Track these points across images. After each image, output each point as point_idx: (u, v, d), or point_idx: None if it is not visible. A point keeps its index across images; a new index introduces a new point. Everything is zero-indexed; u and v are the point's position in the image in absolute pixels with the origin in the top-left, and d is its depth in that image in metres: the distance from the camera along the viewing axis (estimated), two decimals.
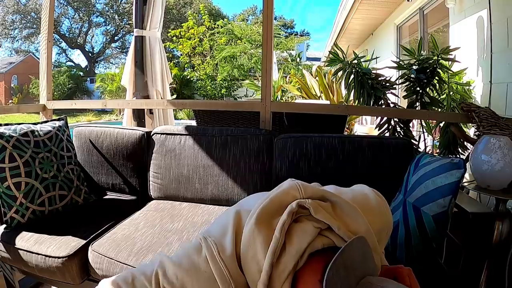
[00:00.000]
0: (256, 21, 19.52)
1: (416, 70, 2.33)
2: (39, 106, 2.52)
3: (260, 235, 0.67)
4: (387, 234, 0.81)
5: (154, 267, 0.74)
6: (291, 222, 0.69)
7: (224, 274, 0.68)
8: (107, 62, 26.42)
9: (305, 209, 0.70)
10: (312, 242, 0.66)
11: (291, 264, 0.65)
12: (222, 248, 0.70)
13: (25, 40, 23.16)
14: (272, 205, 0.71)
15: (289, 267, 0.65)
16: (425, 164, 1.32)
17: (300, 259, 0.65)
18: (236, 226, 0.73)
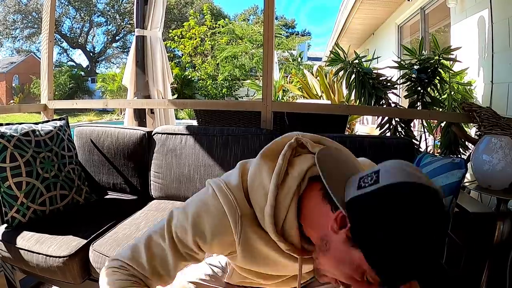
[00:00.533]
0: (257, 21, 19.49)
1: (417, 70, 2.33)
2: (40, 105, 2.52)
3: (265, 165, 0.73)
4: None
5: (163, 223, 0.78)
6: (291, 155, 0.75)
7: (231, 201, 0.72)
8: (108, 62, 26.46)
9: (304, 148, 0.77)
10: (311, 167, 0.71)
11: (295, 185, 0.70)
12: (229, 182, 0.75)
13: (26, 40, 23.20)
14: (276, 145, 0.78)
15: (293, 187, 0.69)
16: (426, 164, 1.32)
17: (302, 182, 0.71)
18: (241, 169, 0.78)
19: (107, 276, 0.74)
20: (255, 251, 0.75)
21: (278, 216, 0.70)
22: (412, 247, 0.56)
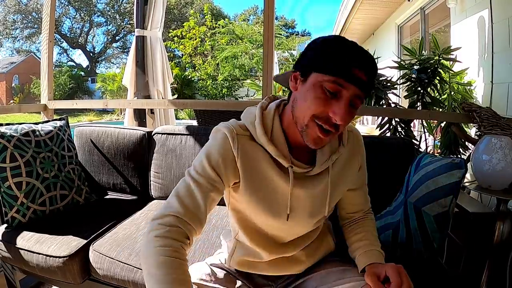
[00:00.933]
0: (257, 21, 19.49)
1: (417, 70, 2.33)
2: (40, 106, 2.52)
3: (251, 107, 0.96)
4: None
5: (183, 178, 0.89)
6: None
7: (230, 126, 0.89)
8: (108, 62, 26.49)
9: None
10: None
11: (274, 106, 0.92)
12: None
13: (26, 40, 23.21)
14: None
15: (273, 107, 0.92)
16: (426, 164, 1.32)
17: (278, 107, 0.93)
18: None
19: (153, 241, 0.78)
20: (254, 169, 0.88)
21: (267, 125, 0.88)
22: (337, 43, 0.78)
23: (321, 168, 0.90)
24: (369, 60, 0.78)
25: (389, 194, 1.48)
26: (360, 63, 0.76)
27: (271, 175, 0.88)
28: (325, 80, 0.77)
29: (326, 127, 0.78)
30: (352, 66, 0.75)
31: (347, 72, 0.75)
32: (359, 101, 0.79)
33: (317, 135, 0.80)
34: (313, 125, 0.79)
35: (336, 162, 0.94)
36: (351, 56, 0.76)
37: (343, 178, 0.96)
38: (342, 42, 0.78)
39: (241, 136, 0.88)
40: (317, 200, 0.92)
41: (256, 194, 0.90)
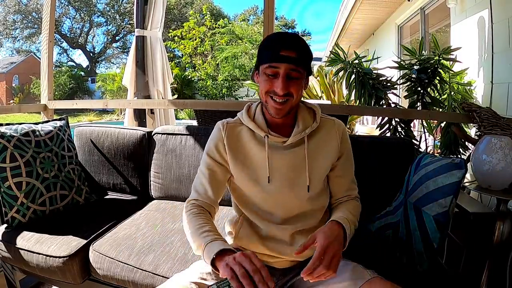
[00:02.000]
0: (257, 21, 19.51)
1: (417, 70, 2.33)
2: (40, 106, 2.52)
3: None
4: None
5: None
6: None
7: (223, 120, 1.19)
8: (108, 62, 26.48)
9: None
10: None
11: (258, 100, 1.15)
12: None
13: (26, 40, 23.20)
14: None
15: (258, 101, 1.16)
16: (426, 164, 1.32)
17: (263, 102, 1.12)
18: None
19: (185, 214, 1.11)
20: (239, 145, 1.12)
21: (251, 110, 1.16)
22: (267, 37, 1.05)
23: (295, 138, 1.08)
24: (293, 40, 1.00)
25: (389, 194, 1.48)
26: (284, 45, 0.98)
27: (252, 147, 1.11)
28: (265, 68, 1.01)
29: (277, 98, 1.01)
30: (280, 50, 0.98)
31: (275, 56, 0.98)
32: (296, 72, 1.00)
33: (274, 106, 1.03)
34: (269, 99, 1.03)
35: (313, 139, 1.12)
36: (276, 42, 1.00)
37: (320, 153, 1.12)
38: (272, 35, 1.04)
39: (232, 124, 1.16)
40: (296, 169, 1.09)
41: (242, 165, 1.12)
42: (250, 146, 1.12)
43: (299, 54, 0.99)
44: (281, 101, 1.01)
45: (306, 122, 1.11)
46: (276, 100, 1.02)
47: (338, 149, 1.13)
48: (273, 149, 1.10)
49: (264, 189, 1.09)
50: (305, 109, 1.15)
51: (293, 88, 1.01)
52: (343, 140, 1.15)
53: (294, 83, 1.01)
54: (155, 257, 1.35)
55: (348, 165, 1.18)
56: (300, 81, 1.03)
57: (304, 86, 1.08)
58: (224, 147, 1.12)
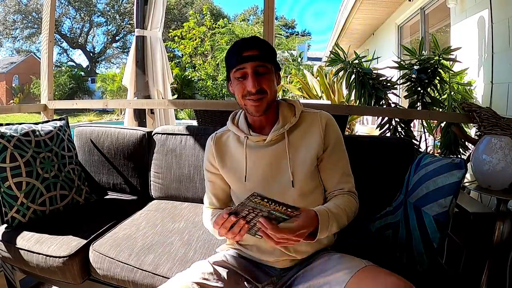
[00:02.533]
0: (257, 21, 19.49)
1: (417, 70, 2.33)
2: (40, 106, 2.52)
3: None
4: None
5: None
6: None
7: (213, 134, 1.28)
8: (108, 62, 26.48)
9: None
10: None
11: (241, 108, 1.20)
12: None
13: (26, 40, 23.20)
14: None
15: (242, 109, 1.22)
16: (426, 164, 1.32)
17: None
18: None
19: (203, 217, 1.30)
20: (225, 150, 1.20)
21: (235, 116, 1.24)
22: (231, 46, 1.11)
23: (274, 135, 1.12)
24: (253, 40, 1.07)
25: (389, 194, 1.48)
26: (246, 46, 1.05)
27: (236, 149, 1.18)
28: (234, 72, 1.07)
29: (252, 98, 1.06)
30: (242, 52, 1.04)
31: (240, 58, 1.04)
32: (263, 67, 1.05)
33: (251, 105, 1.08)
34: (246, 101, 1.08)
35: (294, 133, 1.14)
36: (238, 47, 1.06)
37: (302, 146, 1.13)
38: (234, 43, 1.09)
39: (219, 134, 1.25)
40: (278, 166, 1.12)
41: (228, 167, 1.19)
42: (234, 149, 1.18)
43: (261, 51, 1.06)
44: (256, 98, 1.06)
45: (286, 119, 1.14)
46: (252, 100, 1.06)
47: (322, 140, 1.13)
48: (253, 148, 1.15)
49: (245, 187, 1.14)
50: (286, 106, 1.18)
51: (265, 84, 1.06)
52: (328, 131, 1.14)
53: (264, 78, 1.06)
54: (155, 257, 1.35)
55: (336, 157, 1.15)
56: (269, 75, 1.07)
57: (276, 81, 1.12)
58: (214, 157, 1.21)
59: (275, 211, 0.86)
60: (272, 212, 0.86)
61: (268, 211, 0.86)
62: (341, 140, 1.17)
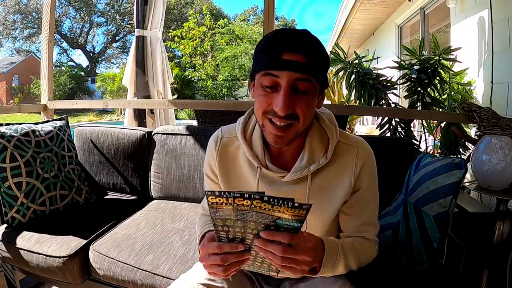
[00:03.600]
0: (257, 21, 19.52)
1: (417, 70, 2.33)
2: (40, 106, 2.52)
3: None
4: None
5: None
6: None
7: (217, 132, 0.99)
8: (108, 62, 26.52)
9: None
10: None
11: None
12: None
13: (26, 40, 23.22)
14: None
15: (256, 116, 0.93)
16: (426, 164, 1.32)
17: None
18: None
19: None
20: (231, 166, 0.93)
21: (248, 125, 0.92)
22: (266, 37, 0.77)
23: (293, 177, 0.85)
24: (301, 39, 0.74)
25: (389, 194, 1.47)
26: (290, 46, 0.72)
27: (245, 172, 0.92)
28: (260, 76, 0.76)
29: (276, 121, 0.76)
30: (281, 52, 0.72)
31: (275, 60, 0.72)
32: (305, 83, 0.74)
33: (273, 133, 0.78)
34: (267, 123, 0.78)
35: (320, 174, 0.87)
36: (277, 42, 0.74)
37: (329, 191, 0.88)
38: (272, 33, 0.77)
39: (226, 140, 0.95)
40: None
41: (232, 186, 0.94)
42: (245, 170, 0.92)
43: (309, 58, 0.73)
44: (282, 125, 0.75)
45: (313, 154, 0.86)
46: (275, 124, 0.76)
47: (352, 186, 0.88)
48: (268, 182, 0.89)
49: None
50: (317, 132, 0.88)
51: (300, 107, 0.75)
52: (363, 174, 0.89)
53: (302, 99, 0.75)
54: (155, 257, 1.35)
55: (363, 203, 0.91)
56: (310, 97, 0.76)
57: (317, 104, 0.82)
58: (215, 165, 0.96)
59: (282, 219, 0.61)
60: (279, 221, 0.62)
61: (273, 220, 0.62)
62: (374, 184, 0.94)
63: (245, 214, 0.61)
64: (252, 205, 0.59)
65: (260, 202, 0.58)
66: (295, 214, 0.59)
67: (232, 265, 0.73)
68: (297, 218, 0.60)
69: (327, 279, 0.87)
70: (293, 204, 0.58)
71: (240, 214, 0.61)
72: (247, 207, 0.59)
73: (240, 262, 0.72)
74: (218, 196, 0.59)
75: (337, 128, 0.89)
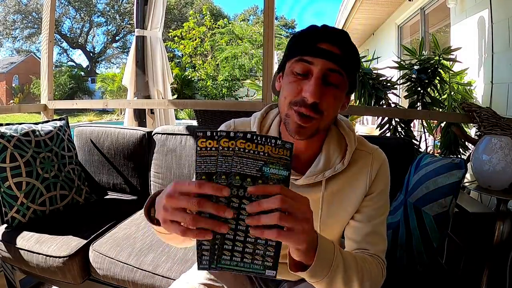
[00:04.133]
0: (257, 21, 19.52)
1: (417, 70, 2.33)
2: (40, 106, 2.52)
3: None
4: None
5: None
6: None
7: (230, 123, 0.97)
8: (108, 62, 26.52)
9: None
10: None
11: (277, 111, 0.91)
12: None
13: (26, 40, 23.22)
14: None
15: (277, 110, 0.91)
16: (426, 164, 1.32)
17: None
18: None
19: None
20: None
21: (265, 121, 0.90)
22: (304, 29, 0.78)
23: (308, 180, 0.83)
24: (338, 33, 0.75)
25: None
26: (326, 37, 0.73)
27: None
28: (293, 63, 0.76)
29: (303, 111, 0.73)
30: (317, 41, 0.73)
31: (311, 47, 0.73)
32: (336, 75, 0.73)
33: (297, 122, 0.74)
34: (292, 112, 0.75)
35: (334, 181, 0.84)
36: (316, 33, 0.75)
37: (342, 197, 0.85)
38: (309, 26, 0.78)
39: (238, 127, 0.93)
40: None
41: None
42: None
43: (344, 52, 0.74)
44: (306, 113, 0.73)
45: (330, 159, 0.83)
46: (301, 114, 0.73)
47: (365, 191, 0.85)
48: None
49: None
50: (335, 137, 0.86)
51: (327, 99, 0.73)
52: (377, 179, 0.86)
53: (330, 92, 0.73)
54: (155, 257, 1.35)
55: (372, 211, 0.86)
56: (338, 91, 0.75)
57: (343, 105, 0.81)
58: None
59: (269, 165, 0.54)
60: (266, 169, 0.54)
61: (259, 169, 0.54)
62: (386, 191, 0.89)
63: (230, 163, 0.53)
64: (236, 148, 0.53)
65: (244, 142, 0.53)
66: (280, 156, 0.54)
67: (200, 231, 0.53)
68: (283, 163, 0.54)
69: None
70: (275, 142, 0.54)
71: (224, 163, 0.53)
72: (231, 152, 0.53)
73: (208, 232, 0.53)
74: (208, 139, 0.53)
75: (355, 135, 0.87)
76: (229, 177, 0.54)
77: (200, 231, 0.53)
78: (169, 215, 0.55)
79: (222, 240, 0.55)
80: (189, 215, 0.53)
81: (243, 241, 0.55)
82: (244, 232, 0.55)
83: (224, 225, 0.53)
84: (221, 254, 0.55)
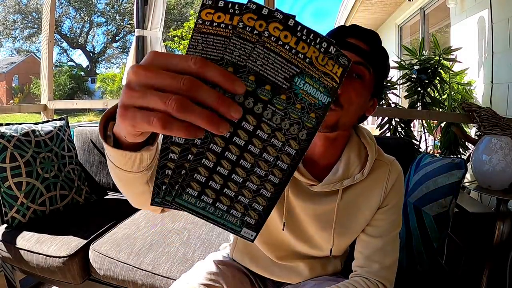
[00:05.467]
0: None
1: (417, 70, 2.33)
2: (40, 106, 2.52)
3: None
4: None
5: None
6: None
7: None
8: (108, 62, 26.55)
9: None
10: None
11: None
12: None
13: (26, 40, 23.23)
14: None
15: None
16: (426, 164, 1.32)
17: None
18: None
19: None
20: None
21: None
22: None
23: (325, 188, 0.80)
24: (369, 32, 0.74)
25: None
26: (356, 33, 0.73)
27: None
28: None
29: None
30: (346, 36, 0.73)
31: (338, 40, 0.71)
32: (362, 67, 0.71)
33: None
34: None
35: (351, 190, 0.83)
36: (345, 29, 0.74)
37: (358, 208, 0.84)
38: (338, 26, 0.78)
39: None
40: (320, 225, 0.84)
41: None
42: None
43: (372, 49, 0.73)
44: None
45: (349, 168, 0.82)
46: None
47: (380, 203, 0.83)
48: (298, 189, 0.83)
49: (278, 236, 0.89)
50: (355, 145, 0.84)
51: (349, 93, 0.70)
52: (392, 191, 0.84)
53: (353, 83, 0.71)
54: (155, 257, 1.35)
55: (384, 225, 0.85)
56: (362, 85, 0.73)
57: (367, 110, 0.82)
58: None
59: (305, 76, 0.35)
60: (299, 80, 0.35)
61: (290, 76, 0.35)
62: (400, 206, 0.87)
63: (248, 52, 0.34)
64: (265, 33, 0.34)
65: (280, 29, 0.33)
66: (326, 72, 0.35)
67: (188, 126, 0.33)
68: (328, 83, 0.35)
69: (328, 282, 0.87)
70: (327, 48, 0.35)
71: (239, 50, 0.34)
72: (255, 36, 0.34)
73: (200, 130, 0.33)
74: (219, 10, 0.34)
75: (376, 145, 0.85)
76: (238, 73, 0.34)
77: (188, 126, 0.32)
78: (137, 97, 0.33)
79: (195, 164, 0.36)
80: (174, 97, 0.32)
81: (225, 177, 0.37)
82: (233, 164, 0.36)
83: (224, 123, 0.33)
84: (187, 186, 0.37)
